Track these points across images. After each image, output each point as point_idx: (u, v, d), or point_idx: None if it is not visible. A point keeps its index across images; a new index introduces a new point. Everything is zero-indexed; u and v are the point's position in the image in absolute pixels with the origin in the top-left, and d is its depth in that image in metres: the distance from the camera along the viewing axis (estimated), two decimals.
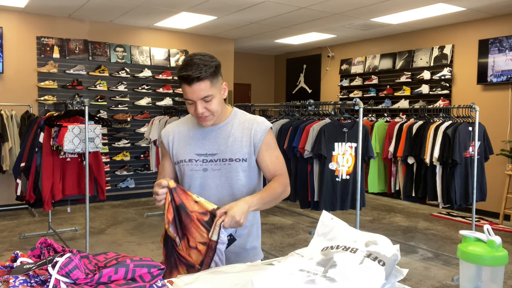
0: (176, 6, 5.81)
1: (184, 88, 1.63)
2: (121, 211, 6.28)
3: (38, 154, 4.16)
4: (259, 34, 7.62)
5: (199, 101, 1.62)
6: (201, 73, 1.57)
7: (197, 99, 1.61)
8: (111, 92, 6.85)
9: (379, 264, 1.00)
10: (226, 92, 1.73)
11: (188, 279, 1.19)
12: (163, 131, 1.85)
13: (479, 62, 6.21)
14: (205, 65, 1.58)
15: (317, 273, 0.99)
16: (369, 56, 7.89)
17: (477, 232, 1.08)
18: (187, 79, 1.58)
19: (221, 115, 1.72)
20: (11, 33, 6.15)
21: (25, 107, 6.08)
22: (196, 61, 1.58)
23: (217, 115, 1.70)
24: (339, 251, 1.05)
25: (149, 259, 0.95)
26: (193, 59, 1.60)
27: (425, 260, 4.31)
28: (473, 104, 4.01)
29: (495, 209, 5.93)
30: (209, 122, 1.69)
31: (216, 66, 1.62)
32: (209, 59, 1.61)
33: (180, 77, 1.62)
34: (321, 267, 1.01)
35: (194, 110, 1.66)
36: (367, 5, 5.57)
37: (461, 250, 1.05)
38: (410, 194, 4.36)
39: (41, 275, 0.87)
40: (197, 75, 1.57)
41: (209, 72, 1.59)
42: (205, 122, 1.70)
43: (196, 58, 1.60)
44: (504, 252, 1.03)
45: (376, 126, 4.68)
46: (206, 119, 1.67)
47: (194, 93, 1.60)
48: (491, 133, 4.56)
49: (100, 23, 6.77)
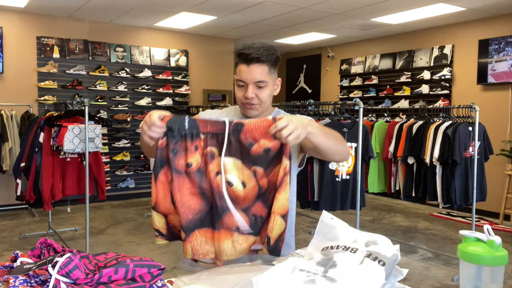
0: (176, 6, 5.80)
1: (240, 68, 1.55)
2: (121, 211, 6.28)
3: (38, 154, 4.16)
4: (259, 34, 7.62)
5: (252, 85, 1.54)
6: (262, 55, 1.52)
7: (251, 82, 1.53)
8: (111, 92, 6.85)
9: (379, 264, 1.00)
10: (278, 89, 1.65)
11: (188, 279, 1.19)
12: (204, 114, 1.73)
13: (479, 62, 6.21)
14: (268, 50, 1.54)
15: (317, 273, 0.99)
16: (369, 56, 7.89)
17: (477, 232, 1.08)
18: (247, 58, 1.52)
19: (266, 111, 1.63)
20: (11, 33, 6.15)
21: (25, 107, 6.08)
22: (259, 45, 1.54)
23: (264, 107, 1.60)
24: (339, 251, 1.05)
25: (149, 259, 0.95)
26: (256, 43, 1.56)
27: (425, 260, 4.31)
28: (473, 104, 4.01)
29: (495, 209, 5.93)
30: (254, 112, 1.58)
31: (277, 56, 1.57)
32: (272, 47, 1.57)
33: (240, 55, 1.54)
34: (321, 267, 1.01)
35: (243, 95, 1.56)
36: (367, 5, 5.57)
37: (461, 250, 1.05)
38: (410, 194, 4.36)
39: (41, 275, 0.87)
40: (258, 55, 1.51)
41: (270, 58, 1.54)
42: (250, 111, 1.58)
43: (259, 43, 1.56)
44: (504, 252, 1.03)
45: (376, 126, 4.68)
46: (253, 107, 1.57)
47: (250, 74, 1.53)
48: (491, 133, 4.56)
49: (100, 23, 6.77)
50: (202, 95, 7.78)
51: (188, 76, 7.51)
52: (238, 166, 1.33)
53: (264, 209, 1.32)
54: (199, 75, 7.72)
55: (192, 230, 1.31)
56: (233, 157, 1.32)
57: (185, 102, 7.44)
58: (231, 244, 1.31)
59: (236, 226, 1.31)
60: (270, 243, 1.28)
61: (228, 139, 1.31)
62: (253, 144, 1.30)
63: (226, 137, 1.30)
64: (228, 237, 1.31)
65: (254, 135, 1.29)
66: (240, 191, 1.32)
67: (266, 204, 1.32)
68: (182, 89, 7.41)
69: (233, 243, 1.31)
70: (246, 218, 1.32)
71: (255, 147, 1.30)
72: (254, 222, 1.32)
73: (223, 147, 1.31)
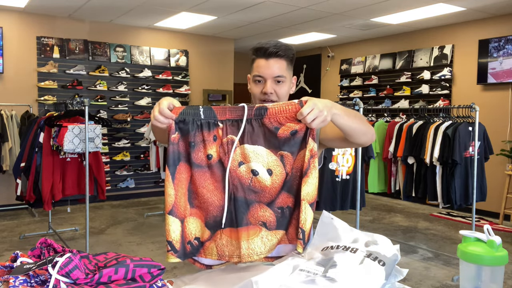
0: (176, 6, 5.80)
1: (258, 63, 1.52)
2: (121, 211, 6.28)
3: (38, 154, 4.16)
4: (259, 34, 7.62)
5: (271, 80, 1.50)
6: (281, 49, 1.50)
7: (270, 77, 1.50)
8: (111, 92, 6.85)
9: (379, 264, 1.00)
10: (294, 87, 1.62)
11: (188, 279, 1.19)
12: None
13: (479, 62, 6.21)
14: (286, 46, 1.53)
15: (317, 273, 0.99)
16: (369, 56, 7.89)
17: (477, 232, 1.08)
18: (266, 52, 1.50)
19: None
20: (11, 33, 6.15)
21: (25, 107, 6.08)
22: (275, 41, 1.53)
23: None
24: (339, 251, 1.05)
25: (149, 259, 0.95)
26: (271, 40, 1.55)
27: (425, 260, 4.31)
28: (473, 104, 4.01)
29: (495, 209, 5.93)
30: None
31: (294, 53, 1.56)
32: (288, 44, 1.55)
33: (258, 49, 1.52)
34: (321, 267, 1.01)
35: (261, 90, 1.52)
36: (367, 5, 5.57)
37: (461, 250, 1.05)
38: (410, 194, 4.36)
39: (41, 275, 0.87)
40: (277, 49, 1.49)
41: (288, 54, 1.52)
42: None
43: (274, 40, 1.55)
44: (504, 252, 1.03)
45: (376, 126, 4.68)
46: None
47: (269, 68, 1.50)
48: (491, 133, 4.56)
49: (100, 23, 6.77)
50: (202, 95, 7.78)
51: (188, 76, 7.50)
52: (262, 153, 1.22)
53: (289, 198, 1.22)
54: (199, 75, 7.72)
55: (217, 228, 1.22)
56: (256, 144, 1.22)
57: (185, 102, 7.44)
58: (261, 241, 1.21)
59: (263, 221, 1.22)
60: (305, 238, 1.17)
61: (251, 124, 1.22)
62: (279, 128, 1.21)
63: (244, 122, 1.20)
64: (256, 233, 1.21)
65: (279, 118, 1.20)
66: (267, 180, 1.22)
67: (291, 193, 1.22)
68: (182, 89, 7.42)
69: (262, 240, 1.21)
70: (272, 211, 1.22)
71: (281, 131, 1.21)
72: (281, 215, 1.22)
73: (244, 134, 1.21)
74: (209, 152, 1.21)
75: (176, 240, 1.19)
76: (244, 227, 1.20)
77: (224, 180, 1.21)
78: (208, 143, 1.21)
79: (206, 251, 1.22)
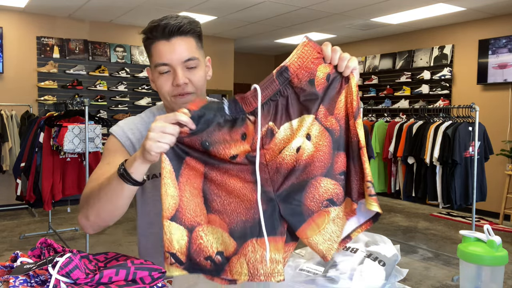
0: (176, 6, 5.80)
1: (157, 47, 1.17)
2: None
3: (38, 154, 4.16)
4: (259, 34, 7.62)
5: (180, 66, 1.17)
6: (184, 24, 1.16)
7: (178, 63, 1.17)
8: (111, 92, 6.85)
9: (379, 264, 1.00)
10: (210, 71, 1.29)
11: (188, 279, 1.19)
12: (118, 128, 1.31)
13: (479, 62, 6.21)
14: (189, 19, 1.19)
15: (317, 273, 0.99)
16: (369, 56, 7.89)
17: (477, 232, 1.08)
18: (164, 31, 1.15)
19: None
20: (11, 33, 6.15)
21: (25, 107, 6.08)
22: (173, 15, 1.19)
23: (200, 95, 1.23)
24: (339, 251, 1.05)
25: (150, 262, 0.95)
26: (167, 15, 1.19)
27: (425, 260, 4.31)
28: (473, 104, 4.01)
29: (495, 209, 5.93)
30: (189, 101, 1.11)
31: (200, 27, 1.22)
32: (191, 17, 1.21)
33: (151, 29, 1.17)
34: (321, 267, 1.01)
35: (170, 84, 1.19)
36: (367, 5, 5.57)
37: (461, 250, 1.05)
38: (410, 194, 4.36)
39: (41, 275, 0.87)
40: (179, 25, 1.15)
41: (194, 28, 1.18)
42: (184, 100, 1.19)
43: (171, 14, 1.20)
44: (504, 252, 1.03)
45: (376, 126, 4.68)
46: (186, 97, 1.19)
47: (174, 51, 1.16)
48: (491, 133, 4.56)
49: (100, 23, 6.77)
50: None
51: None
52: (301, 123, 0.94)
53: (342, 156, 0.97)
54: None
55: (247, 238, 0.92)
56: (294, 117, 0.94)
57: None
58: (334, 225, 0.95)
59: (328, 198, 0.95)
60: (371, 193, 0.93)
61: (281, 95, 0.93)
62: (313, 81, 0.94)
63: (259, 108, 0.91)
64: (326, 219, 0.94)
65: (307, 67, 0.94)
66: (309, 148, 0.93)
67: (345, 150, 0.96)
68: None
69: (335, 222, 0.95)
70: (335, 181, 0.95)
71: (317, 82, 0.94)
72: (345, 182, 0.96)
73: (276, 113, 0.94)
74: (233, 153, 0.92)
75: (181, 252, 0.92)
76: (306, 223, 0.93)
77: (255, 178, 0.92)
78: (235, 143, 0.92)
79: (232, 270, 0.92)
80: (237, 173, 0.93)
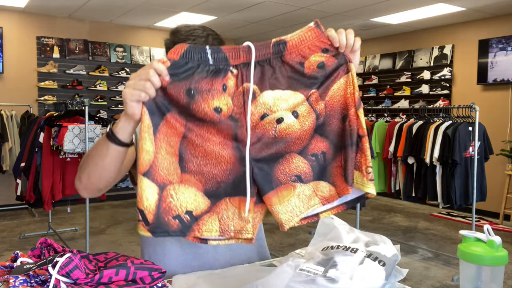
0: (176, 6, 5.80)
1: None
2: (121, 211, 6.27)
3: (38, 154, 4.16)
4: (259, 34, 7.62)
5: None
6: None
7: None
8: (111, 92, 6.85)
9: (379, 264, 1.00)
10: None
11: (187, 280, 1.19)
12: None
13: (479, 62, 6.21)
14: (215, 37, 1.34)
15: (317, 273, 0.99)
16: (369, 56, 7.89)
17: (477, 232, 1.08)
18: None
19: None
20: (11, 33, 6.15)
21: (25, 107, 6.08)
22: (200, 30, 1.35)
23: None
24: (339, 251, 1.05)
25: (150, 262, 0.95)
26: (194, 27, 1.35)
27: (425, 260, 4.31)
28: (473, 104, 4.01)
29: (495, 209, 5.93)
30: None
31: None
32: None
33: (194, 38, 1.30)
34: (321, 267, 1.01)
35: None
36: (367, 5, 5.58)
37: (461, 250, 1.05)
38: (410, 194, 4.36)
39: (41, 275, 0.87)
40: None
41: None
42: None
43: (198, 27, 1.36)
44: (504, 252, 1.03)
45: (376, 126, 4.68)
46: None
47: None
48: (491, 133, 4.56)
49: (100, 23, 6.77)
50: None
51: None
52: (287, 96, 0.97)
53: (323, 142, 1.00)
54: None
55: (221, 197, 0.97)
56: (279, 88, 0.97)
57: None
58: (298, 199, 0.99)
59: (297, 174, 0.99)
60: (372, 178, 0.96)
61: (270, 65, 0.97)
62: (304, 64, 0.97)
63: (253, 65, 0.95)
64: (291, 192, 0.98)
65: (302, 51, 0.97)
66: (294, 125, 0.97)
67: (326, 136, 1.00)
68: None
69: (299, 197, 0.99)
70: (306, 160, 0.99)
71: (307, 66, 0.97)
72: (316, 164, 1.00)
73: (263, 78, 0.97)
74: (216, 104, 0.93)
75: (149, 210, 0.91)
76: (273, 191, 0.97)
77: (236, 139, 0.95)
78: (216, 93, 0.93)
79: (202, 227, 0.95)
80: (218, 132, 0.94)
